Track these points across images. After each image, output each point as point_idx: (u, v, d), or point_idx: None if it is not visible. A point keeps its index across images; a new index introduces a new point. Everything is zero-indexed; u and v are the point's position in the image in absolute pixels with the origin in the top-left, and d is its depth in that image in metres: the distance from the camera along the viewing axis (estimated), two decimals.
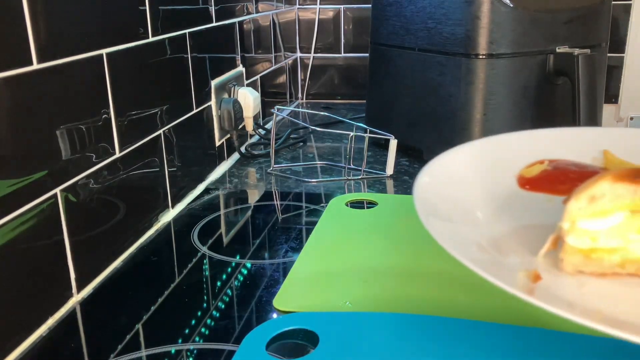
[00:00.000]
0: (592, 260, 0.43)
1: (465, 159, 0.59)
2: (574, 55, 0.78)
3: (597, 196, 0.42)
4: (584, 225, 0.43)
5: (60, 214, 0.53)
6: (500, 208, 0.54)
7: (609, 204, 0.42)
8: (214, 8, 0.86)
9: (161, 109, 0.71)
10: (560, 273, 0.43)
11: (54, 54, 0.51)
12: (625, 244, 0.42)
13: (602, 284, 0.42)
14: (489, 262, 0.42)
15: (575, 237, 0.43)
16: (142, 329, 0.51)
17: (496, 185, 0.57)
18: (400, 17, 0.89)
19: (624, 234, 0.42)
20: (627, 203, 0.41)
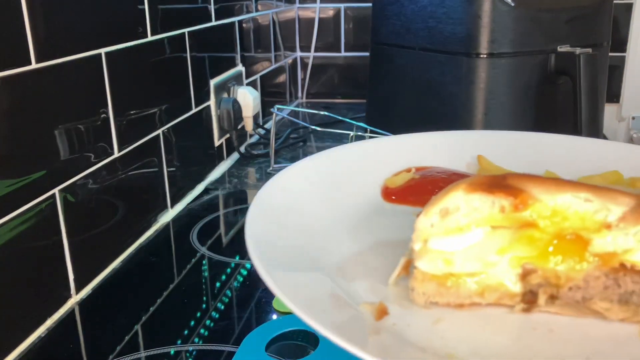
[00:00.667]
0: (447, 288, 0.37)
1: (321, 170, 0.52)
2: (576, 54, 0.77)
3: (450, 210, 0.36)
4: (436, 246, 0.36)
5: (59, 214, 0.52)
6: (359, 225, 0.47)
7: (464, 219, 0.36)
8: (213, 7, 0.85)
9: (160, 109, 0.71)
10: (412, 305, 0.37)
11: (52, 53, 0.51)
12: (484, 268, 0.36)
13: (459, 318, 0.36)
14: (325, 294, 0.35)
15: (427, 261, 0.36)
16: (141, 330, 0.51)
17: (358, 198, 0.51)
18: (400, 16, 0.89)
19: (482, 256, 0.36)
20: (484, 217, 0.35)
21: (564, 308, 0.36)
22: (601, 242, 0.35)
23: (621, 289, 0.35)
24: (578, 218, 0.35)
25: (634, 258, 0.35)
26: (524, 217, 0.35)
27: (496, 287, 0.37)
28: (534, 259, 0.36)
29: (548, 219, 0.35)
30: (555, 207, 0.35)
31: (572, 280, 0.36)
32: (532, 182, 0.36)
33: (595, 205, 0.35)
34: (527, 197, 0.35)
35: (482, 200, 0.35)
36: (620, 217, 0.34)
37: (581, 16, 0.82)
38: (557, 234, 0.35)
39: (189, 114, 0.79)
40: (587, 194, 0.35)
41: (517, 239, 0.36)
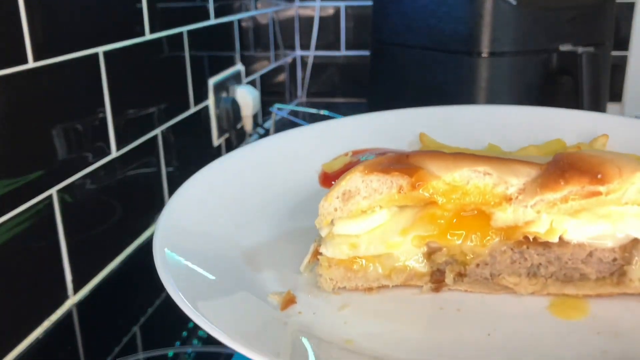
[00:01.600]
0: (354, 273, 0.36)
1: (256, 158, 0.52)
2: (578, 53, 0.77)
3: (351, 192, 0.36)
4: (341, 230, 0.36)
5: (56, 214, 0.52)
6: (290, 213, 0.46)
7: (365, 202, 0.35)
8: (212, 6, 0.85)
9: (158, 108, 0.70)
10: (321, 292, 0.37)
11: (49, 52, 0.50)
12: (389, 250, 0.36)
13: (366, 302, 0.36)
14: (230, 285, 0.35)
15: (333, 246, 0.36)
16: (139, 331, 0.51)
17: (296, 184, 0.50)
18: (401, 15, 0.88)
19: (386, 238, 0.36)
20: (384, 198, 0.35)
21: (474, 285, 0.36)
22: (502, 215, 0.35)
23: (527, 262, 0.35)
24: (478, 192, 0.35)
25: (536, 230, 0.34)
26: (423, 195, 0.35)
27: (403, 268, 0.36)
28: (437, 237, 0.35)
29: (447, 195, 0.35)
30: (454, 182, 0.35)
31: (479, 256, 0.35)
32: (432, 159, 0.36)
33: (494, 179, 0.34)
34: (424, 175, 0.35)
35: (381, 181, 0.35)
36: (520, 189, 0.34)
37: (583, 15, 0.82)
38: (459, 210, 0.35)
39: (188, 113, 0.78)
40: (485, 167, 0.34)
41: (419, 218, 0.36)
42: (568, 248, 0.35)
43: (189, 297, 0.32)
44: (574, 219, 0.34)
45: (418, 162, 0.35)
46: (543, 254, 0.35)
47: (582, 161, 0.34)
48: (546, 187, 0.34)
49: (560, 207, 0.34)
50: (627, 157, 0.35)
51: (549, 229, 0.34)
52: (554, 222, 0.34)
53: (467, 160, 0.35)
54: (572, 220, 0.34)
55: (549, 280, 0.36)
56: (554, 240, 0.35)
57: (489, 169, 0.35)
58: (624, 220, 0.34)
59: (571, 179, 0.33)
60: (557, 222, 0.34)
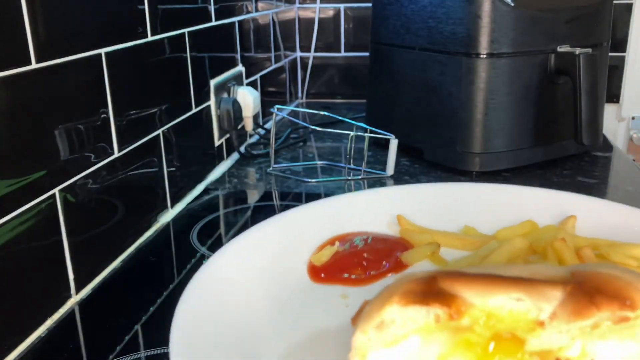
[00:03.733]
0: None
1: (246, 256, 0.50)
2: (576, 54, 0.77)
3: (386, 322, 0.35)
4: (375, 359, 0.35)
5: (59, 214, 0.52)
6: (287, 317, 0.45)
7: (401, 330, 0.35)
8: (213, 7, 0.85)
9: (160, 109, 0.71)
10: None
11: (52, 54, 0.51)
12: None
13: None
14: None
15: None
16: (141, 330, 0.51)
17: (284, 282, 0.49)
18: (400, 16, 0.89)
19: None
20: (421, 327, 0.35)
21: None
22: (536, 340, 0.35)
23: None
24: (512, 319, 0.35)
25: (569, 354, 0.35)
26: (461, 324, 0.35)
27: None
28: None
29: (483, 323, 0.35)
30: (489, 310, 0.35)
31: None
32: (463, 284, 0.36)
33: (527, 305, 0.35)
34: (461, 304, 0.35)
35: (417, 310, 0.35)
36: (552, 313, 0.35)
37: (581, 16, 0.82)
38: (494, 335, 0.35)
39: (189, 114, 0.79)
40: (518, 294, 0.35)
41: (454, 343, 0.36)
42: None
43: None
44: (603, 341, 0.35)
45: (451, 287, 0.36)
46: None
47: (607, 285, 0.35)
48: (579, 314, 0.34)
49: (592, 332, 0.35)
50: (637, 276, 0.37)
51: (581, 353, 0.35)
52: (586, 345, 0.35)
53: (498, 284, 0.36)
54: (601, 342, 0.35)
55: None
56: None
57: (522, 295, 0.35)
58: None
59: (601, 306, 0.34)
60: (588, 346, 0.35)
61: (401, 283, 0.37)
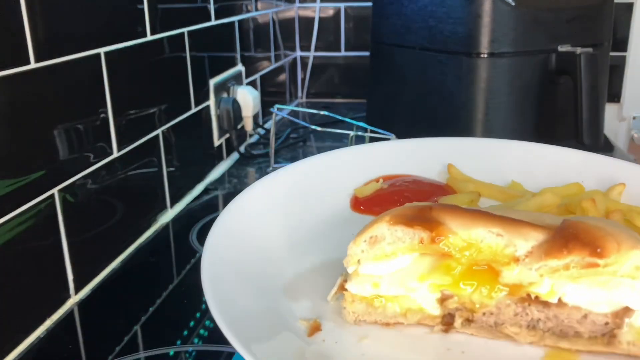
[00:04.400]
0: (374, 308, 0.41)
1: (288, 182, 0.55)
2: (576, 54, 0.77)
3: (378, 238, 0.40)
4: (366, 270, 0.40)
5: (58, 214, 0.52)
6: (322, 239, 0.50)
7: (389, 247, 0.40)
8: (213, 7, 0.85)
9: (159, 109, 0.70)
10: (344, 322, 0.41)
11: (51, 53, 0.50)
12: (406, 292, 0.40)
13: (384, 336, 0.40)
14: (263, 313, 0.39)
15: (357, 284, 0.40)
16: (140, 330, 0.51)
17: (327, 209, 0.54)
18: (401, 16, 0.88)
19: (405, 282, 0.40)
20: (407, 246, 0.39)
21: (479, 330, 0.40)
22: (509, 274, 0.39)
23: (528, 316, 0.39)
24: (490, 251, 0.39)
25: (538, 290, 0.38)
26: (441, 249, 0.39)
27: (417, 309, 0.40)
28: (450, 286, 0.39)
29: (462, 251, 0.39)
30: (469, 240, 0.39)
31: (486, 307, 0.40)
32: (452, 215, 0.40)
33: (505, 240, 0.38)
34: (443, 230, 0.39)
35: (404, 231, 0.39)
36: (528, 251, 0.38)
37: (582, 16, 0.82)
38: (472, 264, 0.39)
39: (189, 113, 0.79)
40: (499, 229, 0.39)
41: (436, 267, 0.40)
42: (565, 309, 0.39)
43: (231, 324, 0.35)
44: (573, 284, 0.38)
45: (439, 216, 0.40)
46: (543, 311, 0.39)
47: (585, 233, 0.38)
48: (550, 254, 0.37)
49: (561, 273, 0.38)
50: (628, 232, 0.39)
51: (550, 291, 0.38)
52: (555, 285, 0.38)
53: (483, 219, 0.39)
54: (571, 284, 0.38)
55: (546, 333, 0.39)
56: (554, 301, 0.38)
57: (501, 231, 0.38)
58: (619, 289, 0.38)
59: (573, 250, 0.37)
60: (557, 285, 0.38)
61: (400, 208, 0.42)
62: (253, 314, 0.39)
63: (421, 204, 0.42)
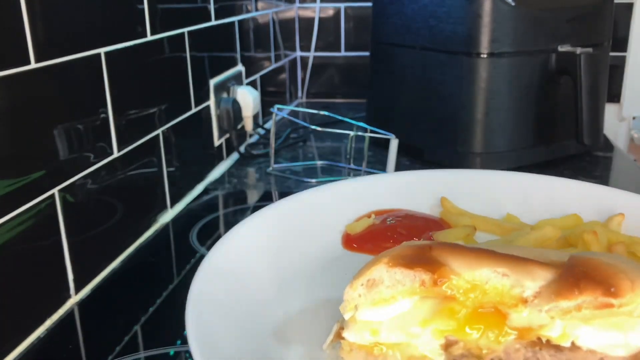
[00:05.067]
0: (374, 357, 0.38)
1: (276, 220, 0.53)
2: (577, 54, 0.77)
3: (376, 281, 0.37)
4: (363, 316, 0.37)
5: (58, 214, 0.52)
6: (314, 278, 0.48)
7: (388, 291, 0.37)
8: (213, 7, 0.85)
9: (159, 109, 0.70)
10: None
11: (51, 53, 0.50)
12: (408, 339, 0.37)
13: None
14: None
15: (355, 331, 0.38)
16: (140, 330, 0.51)
17: (318, 246, 0.52)
18: (401, 15, 0.88)
19: (406, 327, 0.37)
20: (407, 290, 0.37)
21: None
22: (518, 316, 0.36)
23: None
24: (496, 293, 0.36)
25: (549, 333, 0.36)
26: (444, 291, 0.36)
27: (420, 357, 0.37)
28: (455, 331, 0.37)
29: (466, 293, 0.36)
30: (474, 281, 0.36)
31: (494, 352, 0.36)
32: (454, 255, 0.37)
33: (511, 281, 0.36)
34: (446, 272, 0.36)
35: (404, 274, 0.37)
36: (536, 292, 0.36)
37: (582, 16, 0.82)
38: (477, 307, 0.36)
39: (189, 113, 0.79)
40: (504, 269, 0.36)
41: (438, 311, 0.37)
42: (580, 353, 0.36)
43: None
44: (587, 326, 0.35)
45: (441, 256, 0.37)
46: (555, 356, 0.36)
47: (596, 270, 0.35)
48: (560, 295, 0.35)
49: (573, 314, 0.35)
50: (639, 268, 0.36)
51: (562, 334, 0.35)
52: (567, 327, 0.35)
53: (487, 258, 0.36)
54: (584, 326, 0.35)
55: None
56: (566, 344, 0.35)
57: (507, 271, 0.36)
58: (636, 331, 0.35)
59: (585, 290, 0.34)
60: (569, 327, 0.35)
61: (398, 248, 0.39)
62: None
63: (420, 242, 0.40)
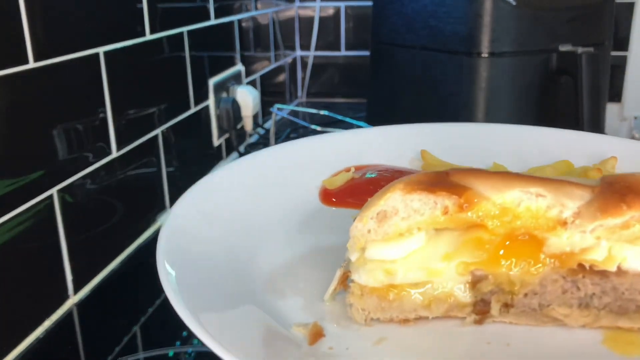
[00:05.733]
0: (389, 302, 0.33)
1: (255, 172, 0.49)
2: (577, 53, 0.77)
3: (388, 213, 0.32)
4: (375, 255, 0.32)
5: (57, 214, 0.52)
6: (293, 231, 0.44)
7: (404, 223, 0.32)
8: (213, 6, 0.85)
9: (159, 108, 0.70)
10: (352, 323, 0.33)
11: (50, 53, 0.50)
12: (429, 277, 0.33)
13: (404, 335, 0.32)
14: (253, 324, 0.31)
15: (366, 273, 0.33)
16: (139, 331, 0.51)
17: (294, 201, 0.48)
18: (401, 15, 0.88)
19: (426, 264, 0.32)
20: (426, 220, 0.32)
21: (520, 317, 0.33)
22: (557, 241, 0.32)
23: (580, 292, 0.33)
24: (530, 216, 0.32)
25: (593, 257, 0.32)
26: (471, 218, 0.32)
27: (444, 297, 0.33)
28: (483, 264, 0.32)
29: (497, 219, 0.31)
30: (504, 204, 0.31)
31: (528, 286, 0.32)
32: (477, 177, 0.32)
33: (548, 201, 0.32)
34: (473, 195, 0.31)
35: (423, 201, 0.32)
36: (576, 212, 0.31)
37: (582, 15, 0.82)
38: (508, 234, 0.32)
39: (188, 113, 0.79)
40: (538, 189, 0.31)
41: (464, 242, 0.32)
42: (626, 278, 0.32)
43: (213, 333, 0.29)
44: (634, 247, 0.32)
45: (462, 180, 0.32)
46: (598, 284, 0.32)
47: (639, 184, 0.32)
48: (607, 212, 0.31)
49: (620, 234, 0.31)
50: None
51: (608, 257, 0.32)
52: (613, 249, 0.32)
53: (518, 180, 0.32)
54: (631, 247, 0.32)
55: (602, 312, 0.33)
56: (612, 269, 0.32)
57: (542, 191, 0.32)
58: None
59: (633, 204, 0.31)
60: (615, 249, 0.32)
61: (413, 175, 0.34)
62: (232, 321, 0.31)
63: (435, 170, 0.34)
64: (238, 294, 0.34)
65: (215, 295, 0.33)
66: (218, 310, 0.31)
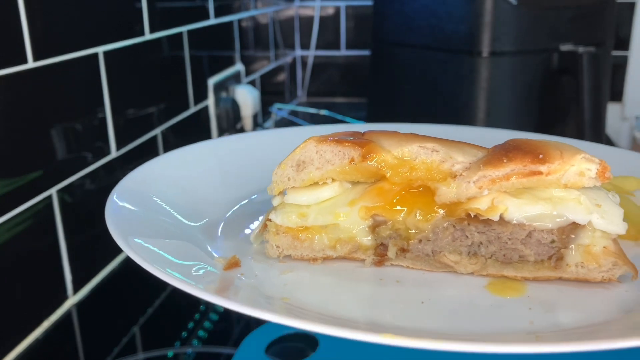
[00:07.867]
0: (300, 242, 0.38)
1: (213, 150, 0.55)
2: (579, 53, 0.77)
3: (305, 162, 0.37)
4: (292, 199, 0.38)
5: (56, 214, 0.52)
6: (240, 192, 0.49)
7: (317, 172, 0.37)
8: (212, 5, 0.85)
9: (158, 108, 0.70)
10: (267, 259, 0.38)
11: (49, 52, 0.50)
12: (336, 219, 0.38)
13: (309, 270, 0.37)
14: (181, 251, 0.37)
15: (282, 214, 0.38)
16: (139, 331, 0.51)
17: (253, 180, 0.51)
18: (402, 14, 0.88)
19: (334, 209, 0.37)
20: (336, 170, 0.37)
21: (415, 262, 0.37)
22: (446, 190, 0.36)
23: (468, 239, 0.36)
24: (425, 168, 0.36)
25: (477, 206, 0.35)
26: (373, 167, 0.36)
27: (348, 239, 0.38)
28: (383, 210, 0.37)
29: (395, 169, 0.36)
30: (403, 156, 0.36)
31: (422, 232, 0.37)
32: (385, 136, 0.37)
33: (441, 155, 0.36)
34: (374, 147, 0.36)
35: (334, 152, 0.37)
36: (466, 166, 0.36)
37: (584, 15, 0.82)
38: (406, 185, 0.37)
39: (188, 113, 0.78)
40: (434, 145, 0.36)
41: (368, 191, 0.37)
42: (508, 227, 0.36)
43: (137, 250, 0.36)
44: (515, 199, 0.35)
45: (372, 137, 0.37)
46: (484, 232, 0.36)
47: (526, 144, 0.36)
48: (489, 164, 0.35)
49: (502, 185, 0.35)
50: (570, 145, 0.37)
51: (490, 207, 0.35)
52: (495, 200, 0.36)
53: (418, 138, 0.37)
54: (513, 199, 0.35)
55: (488, 260, 0.37)
56: (495, 218, 0.36)
57: (437, 146, 0.36)
58: (564, 204, 0.35)
59: (514, 158, 0.35)
60: (498, 200, 0.36)
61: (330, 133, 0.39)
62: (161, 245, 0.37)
63: (351, 130, 0.40)
64: (175, 232, 0.39)
65: (152, 228, 0.39)
66: (150, 237, 0.37)
